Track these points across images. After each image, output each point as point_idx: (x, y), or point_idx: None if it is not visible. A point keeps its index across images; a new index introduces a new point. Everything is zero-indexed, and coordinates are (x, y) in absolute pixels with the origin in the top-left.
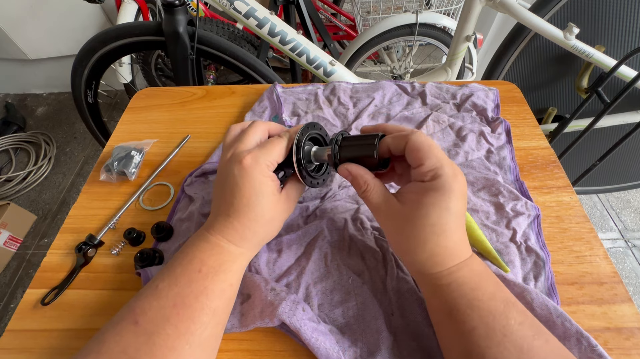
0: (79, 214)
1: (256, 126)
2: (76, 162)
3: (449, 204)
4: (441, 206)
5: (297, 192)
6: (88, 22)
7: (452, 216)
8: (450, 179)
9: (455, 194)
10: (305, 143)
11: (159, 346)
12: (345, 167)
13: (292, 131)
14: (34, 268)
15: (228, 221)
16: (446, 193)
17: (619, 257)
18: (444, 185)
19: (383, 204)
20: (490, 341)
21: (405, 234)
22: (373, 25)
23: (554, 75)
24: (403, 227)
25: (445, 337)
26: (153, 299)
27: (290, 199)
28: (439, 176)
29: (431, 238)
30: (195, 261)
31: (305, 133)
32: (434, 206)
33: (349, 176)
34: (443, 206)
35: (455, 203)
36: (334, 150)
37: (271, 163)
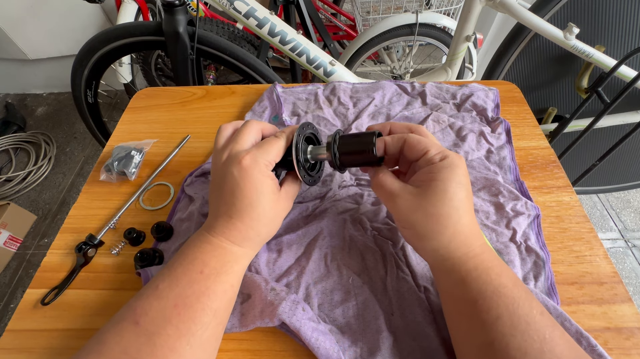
0: (79, 214)
1: (250, 126)
2: (76, 162)
3: (462, 179)
4: (455, 179)
5: (295, 189)
6: (88, 22)
7: (466, 192)
8: (456, 158)
9: (463, 170)
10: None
11: (159, 347)
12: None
13: (288, 131)
14: (34, 268)
15: (230, 222)
16: (456, 169)
17: (619, 257)
18: (452, 162)
19: (399, 189)
20: (514, 330)
21: (425, 214)
22: (373, 25)
23: (554, 75)
24: (421, 205)
25: (464, 329)
26: (154, 299)
27: (290, 197)
28: (447, 156)
29: (453, 213)
30: (196, 262)
31: (302, 133)
32: (449, 180)
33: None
34: (457, 180)
35: (465, 179)
36: (334, 149)
37: (269, 162)
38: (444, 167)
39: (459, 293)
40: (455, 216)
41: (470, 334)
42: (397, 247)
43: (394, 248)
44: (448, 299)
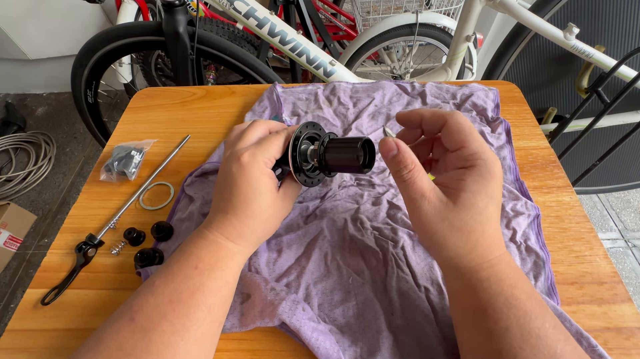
0: (79, 214)
1: (256, 125)
2: (76, 162)
3: (495, 191)
4: (488, 193)
5: (294, 190)
6: (88, 22)
7: (495, 204)
8: (493, 165)
9: (498, 180)
10: (302, 142)
11: (154, 343)
12: (393, 140)
13: (291, 128)
14: (34, 268)
15: (226, 218)
16: (491, 179)
17: (619, 257)
18: (488, 171)
19: (428, 191)
20: (524, 343)
21: (450, 225)
22: (373, 25)
23: (554, 75)
24: (447, 216)
25: (471, 337)
26: (150, 295)
27: (288, 197)
28: (483, 160)
29: (478, 228)
30: (192, 258)
31: (304, 132)
32: (480, 194)
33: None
34: (490, 193)
35: (498, 191)
36: (320, 150)
37: (269, 159)
38: (477, 177)
39: (468, 301)
40: (479, 230)
41: (477, 343)
42: (398, 247)
43: (394, 248)
44: (456, 304)
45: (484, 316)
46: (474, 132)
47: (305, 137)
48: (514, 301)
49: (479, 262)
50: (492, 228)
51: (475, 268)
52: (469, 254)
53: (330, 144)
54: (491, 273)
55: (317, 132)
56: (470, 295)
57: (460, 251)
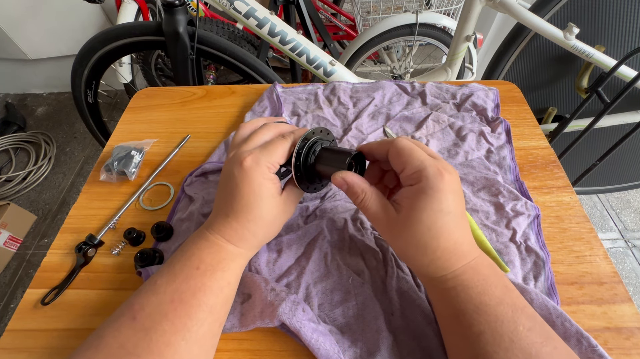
0: (79, 214)
1: (266, 129)
2: (76, 162)
3: (440, 205)
4: (433, 208)
5: (297, 194)
6: (88, 22)
7: (447, 217)
8: (435, 179)
9: (444, 193)
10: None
11: (155, 342)
12: (341, 176)
13: (298, 133)
14: (34, 268)
15: (227, 221)
16: (434, 194)
17: (619, 257)
18: (430, 186)
19: (380, 213)
20: (497, 347)
21: (405, 241)
22: (373, 25)
23: (554, 75)
24: (401, 234)
25: (453, 341)
26: (151, 294)
27: (291, 201)
28: (423, 177)
29: (431, 242)
30: (193, 258)
31: (310, 138)
32: (425, 209)
33: (343, 184)
34: (435, 207)
35: (446, 203)
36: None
37: (272, 165)
38: (420, 194)
39: (442, 308)
40: (433, 245)
41: (458, 348)
42: None
43: None
44: (435, 311)
45: (458, 323)
46: (415, 151)
47: (312, 143)
48: (484, 307)
49: (443, 274)
50: (449, 241)
51: (441, 279)
52: (429, 266)
53: (321, 155)
54: (457, 282)
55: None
56: (443, 303)
57: (420, 263)
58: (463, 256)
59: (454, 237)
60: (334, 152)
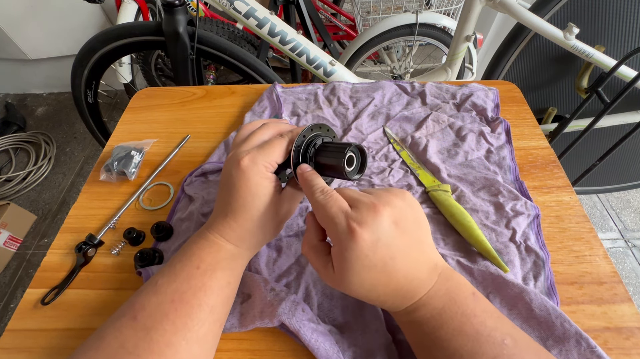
0: (79, 214)
1: (266, 128)
2: (76, 162)
3: (361, 262)
4: (354, 268)
5: (298, 194)
6: (88, 22)
7: (373, 270)
8: (347, 241)
9: (360, 251)
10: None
11: (156, 342)
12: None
13: (295, 131)
14: (34, 268)
15: (225, 221)
16: (351, 254)
17: (619, 257)
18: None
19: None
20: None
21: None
22: (373, 25)
23: (554, 75)
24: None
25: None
26: (152, 294)
27: (291, 201)
28: (336, 239)
29: (369, 294)
30: (194, 258)
31: (309, 135)
32: (348, 271)
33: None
34: (356, 266)
35: (367, 259)
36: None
37: (270, 164)
38: (338, 255)
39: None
40: (373, 295)
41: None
42: None
43: None
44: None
45: (421, 353)
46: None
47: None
48: (440, 343)
49: (396, 311)
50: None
51: (396, 314)
52: (382, 305)
53: (320, 150)
54: (410, 318)
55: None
56: (407, 333)
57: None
58: (411, 295)
59: (393, 284)
60: (333, 146)
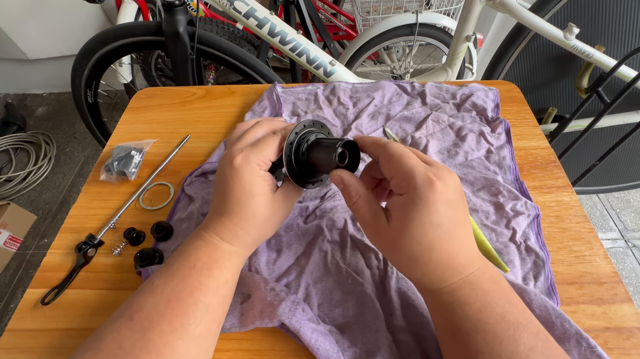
0: (79, 214)
1: (259, 126)
2: (76, 162)
3: (430, 216)
4: (422, 220)
5: (295, 192)
6: (88, 22)
7: (437, 229)
8: (424, 189)
9: (434, 204)
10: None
11: (153, 342)
12: (338, 174)
13: (289, 128)
14: (34, 268)
15: (220, 220)
16: (423, 206)
17: (619, 257)
18: (418, 197)
19: (371, 221)
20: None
21: (395, 252)
22: (373, 25)
23: (554, 75)
24: (391, 245)
25: (450, 355)
26: (149, 295)
27: (288, 199)
28: (411, 186)
29: (422, 256)
30: (190, 258)
31: (302, 131)
32: (414, 222)
33: (340, 183)
34: (424, 220)
35: (437, 215)
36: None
37: (263, 162)
38: (408, 204)
39: (439, 320)
40: (424, 258)
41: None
42: None
43: None
44: (434, 322)
45: (455, 338)
46: (405, 158)
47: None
48: (482, 326)
49: (438, 287)
50: (442, 254)
51: (436, 291)
52: (422, 278)
53: (313, 146)
54: (453, 297)
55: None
56: (440, 316)
57: (413, 275)
58: (459, 270)
59: (447, 251)
60: (325, 142)
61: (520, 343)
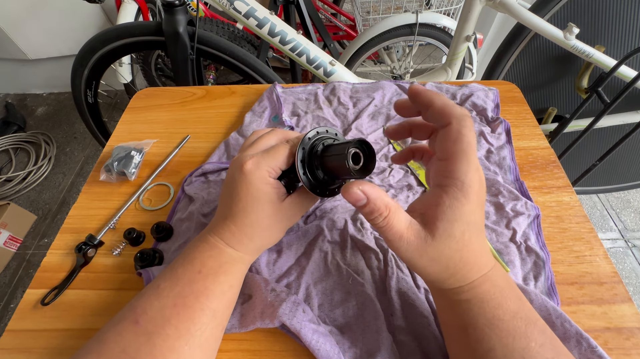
0: (79, 214)
1: (273, 134)
2: (76, 162)
3: (470, 216)
4: (463, 219)
5: (305, 201)
6: (88, 22)
7: (474, 228)
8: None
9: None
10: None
11: (158, 347)
12: (360, 189)
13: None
14: (34, 268)
15: (225, 224)
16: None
17: (619, 257)
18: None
19: (406, 230)
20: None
21: (429, 259)
22: (373, 25)
23: (554, 75)
24: (426, 250)
25: (458, 352)
26: (154, 298)
27: (296, 208)
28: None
29: (455, 256)
30: (195, 262)
31: (314, 138)
32: (457, 222)
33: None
34: (465, 218)
35: (474, 214)
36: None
37: (273, 169)
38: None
39: (451, 318)
40: (456, 258)
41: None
42: None
43: None
44: (442, 320)
45: (466, 335)
46: (470, 149)
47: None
48: (497, 322)
49: (460, 285)
50: (471, 252)
51: (456, 290)
52: (448, 279)
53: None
54: (473, 294)
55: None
56: (453, 314)
57: (439, 277)
58: (482, 267)
59: (476, 250)
60: (336, 145)
61: (532, 339)
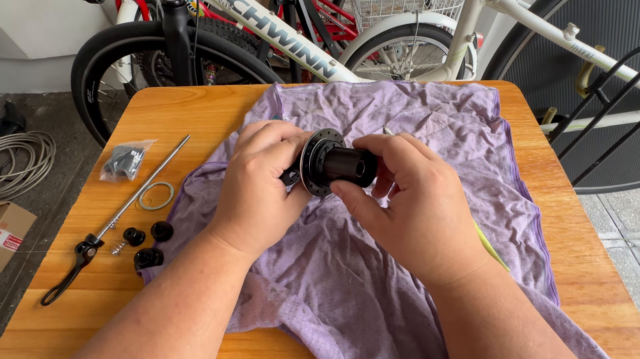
0: (79, 214)
1: (269, 130)
2: (76, 162)
3: (433, 210)
4: (425, 213)
5: (304, 198)
6: (88, 22)
7: (442, 222)
8: (426, 183)
9: (436, 198)
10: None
11: (160, 346)
12: (336, 185)
13: (303, 137)
14: (34, 268)
15: (229, 225)
16: (426, 199)
17: (619, 257)
18: (421, 191)
19: (374, 221)
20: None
21: (402, 249)
22: (373, 25)
23: (554, 75)
24: (397, 242)
25: (456, 351)
26: (156, 298)
27: (296, 206)
28: (414, 181)
29: (427, 249)
30: (197, 262)
31: (318, 140)
32: (417, 216)
33: (339, 192)
34: (427, 213)
35: (440, 208)
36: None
37: (276, 169)
38: (411, 199)
39: (447, 316)
40: (430, 252)
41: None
42: None
43: None
44: (441, 319)
45: (463, 333)
46: (407, 153)
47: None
48: (492, 321)
49: (447, 282)
50: (448, 247)
51: (445, 287)
52: (431, 274)
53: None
54: (463, 292)
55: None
56: (448, 312)
57: (421, 271)
58: (466, 264)
59: (453, 244)
60: (342, 154)
61: (530, 339)
